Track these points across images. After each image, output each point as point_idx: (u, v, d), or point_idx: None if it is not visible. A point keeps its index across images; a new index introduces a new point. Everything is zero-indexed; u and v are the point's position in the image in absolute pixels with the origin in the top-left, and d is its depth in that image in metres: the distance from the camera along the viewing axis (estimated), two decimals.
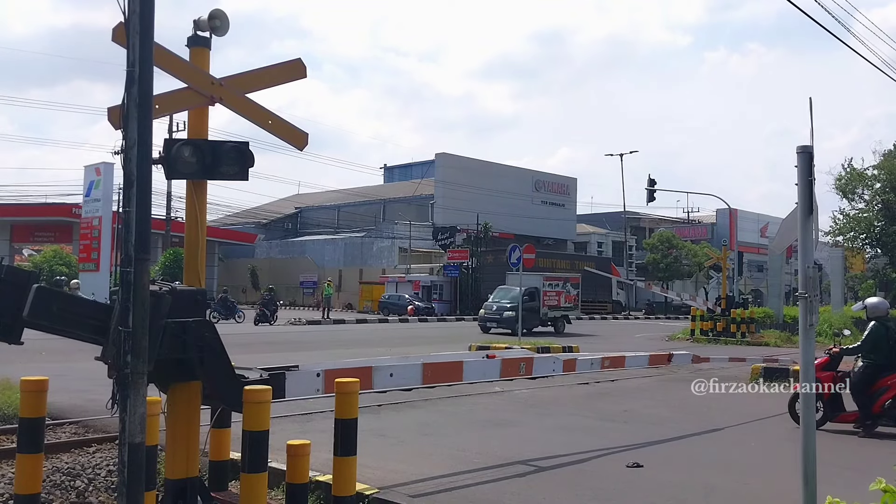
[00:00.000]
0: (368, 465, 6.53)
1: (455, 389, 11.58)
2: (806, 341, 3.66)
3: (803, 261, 3.59)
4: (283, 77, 5.64)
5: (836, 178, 34.23)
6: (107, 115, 4.80)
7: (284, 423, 8.61)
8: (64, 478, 6.70)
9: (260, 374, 5.54)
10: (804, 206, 3.56)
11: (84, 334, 4.48)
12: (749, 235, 70.91)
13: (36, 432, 4.99)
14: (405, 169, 78.06)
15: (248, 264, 61.60)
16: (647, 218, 76.60)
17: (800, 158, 3.58)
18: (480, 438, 8.82)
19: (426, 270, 53.94)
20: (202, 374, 4.87)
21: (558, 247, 67.15)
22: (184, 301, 4.76)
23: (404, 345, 21.59)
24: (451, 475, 6.91)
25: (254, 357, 13.17)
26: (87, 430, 8.82)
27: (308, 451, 5.39)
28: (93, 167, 37.69)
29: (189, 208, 5.25)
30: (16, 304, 4.33)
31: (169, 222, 39.58)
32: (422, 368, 7.05)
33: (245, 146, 5.13)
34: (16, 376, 6.38)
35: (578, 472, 7.28)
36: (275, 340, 23.01)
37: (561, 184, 69.55)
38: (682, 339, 27.43)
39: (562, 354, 12.85)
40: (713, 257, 38.65)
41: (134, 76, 3.81)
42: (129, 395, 3.83)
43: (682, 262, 62.61)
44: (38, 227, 48.24)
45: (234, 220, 67.83)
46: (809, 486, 3.72)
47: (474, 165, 61.99)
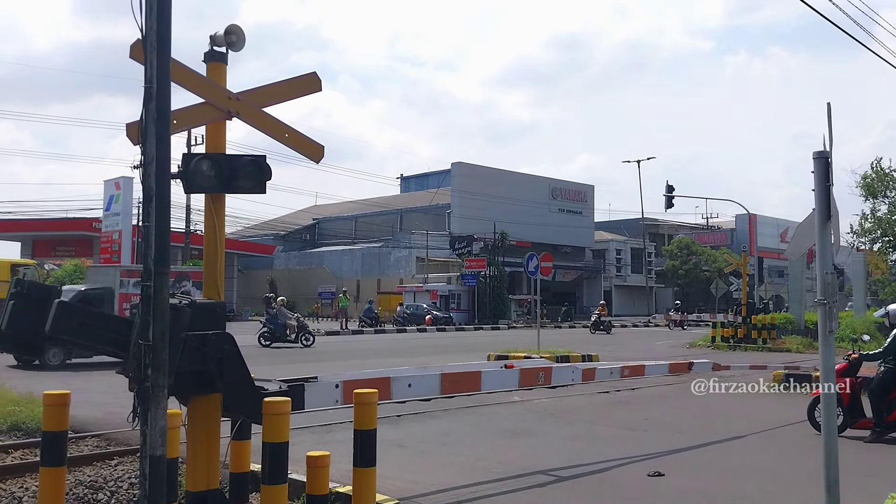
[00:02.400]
0: (388, 475, 6.53)
1: (474, 399, 11.56)
2: (826, 348, 3.63)
3: (822, 267, 3.56)
4: (299, 91, 5.68)
5: (863, 176, 33.79)
6: (125, 130, 4.87)
7: (304, 434, 8.63)
8: (86, 491, 6.75)
9: (279, 386, 5.57)
10: (822, 211, 3.54)
11: (105, 348, 4.53)
12: (769, 240, 70.47)
13: (59, 446, 5.04)
14: (422, 179, 78.22)
15: (267, 276, 61.89)
16: (666, 224, 76.25)
17: (817, 164, 3.56)
18: (500, 448, 8.80)
19: (444, 280, 53.91)
20: (222, 387, 4.90)
21: (576, 254, 67.00)
22: (203, 314, 4.80)
23: (422, 355, 21.59)
24: (470, 485, 6.90)
25: (273, 369, 13.24)
26: (109, 443, 8.88)
27: (328, 463, 5.40)
28: (112, 181, 38.11)
29: (208, 222, 5.29)
30: (38, 319, 4.40)
31: (188, 235, 39.92)
32: (440, 379, 7.06)
33: (262, 160, 5.17)
34: (38, 390, 6.45)
35: (599, 482, 7.24)
36: (293, 352, 23.06)
37: (578, 191, 69.42)
38: (702, 347, 27.23)
39: (581, 364, 12.81)
40: (733, 263, 38.40)
41: (151, 92, 3.86)
42: (150, 408, 3.86)
43: (701, 268, 62.31)
44: (60, 242, 48.73)
45: (253, 231, 68.23)
46: (832, 494, 3.68)
47: (490, 174, 62.00)
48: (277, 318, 24.31)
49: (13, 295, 4.50)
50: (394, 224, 67.56)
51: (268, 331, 24.12)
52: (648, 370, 10.61)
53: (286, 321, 24.40)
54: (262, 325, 24.95)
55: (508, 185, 61.26)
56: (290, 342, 24.05)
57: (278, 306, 24.62)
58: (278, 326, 24.14)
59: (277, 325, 24.17)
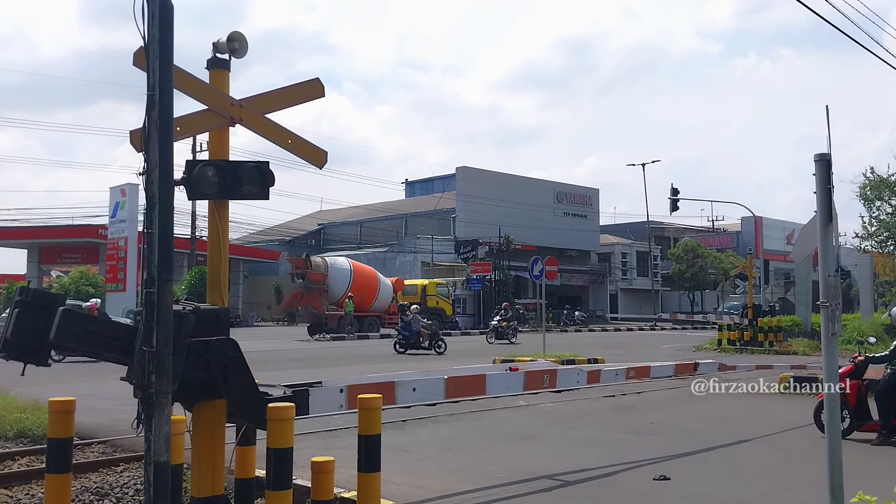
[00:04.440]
0: (393, 480, 6.53)
1: (479, 404, 11.55)
2: (829, 351, 3.62)
3: (824, 269, 3.56)
4: (302, 97, 5.69)
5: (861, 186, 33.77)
6: (129, 137, 4.89)
7: (309, 439, 8.63)
8: (92, 497, 6.78)
9: (283, 391, 5.57)
10: (823, 214, 3.54)
11: (109, 355, 4.54)
12: (775, 243, 70.23)
13: (64, 452, 5.05)
14: (426, 183, 78.24)
15: (272, 281, 61.93)
16: (672, 227, 76.12)
17: (818, 166, 3.56)
18: (505, 453, 8.79)
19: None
20: (226, 392, 4.91)
21: (582, 258, 66.92)
22: (207, 320, 4.80)
23: (428, 360, 21.59)
24: (476, 490, 6.89)
25: (277, 374, 13.25)
26: (114, 449, 8.91)
27: (332, 468, 5.40)
28: (118, 188, 38.18)
29: (212, 228, 5.31)
30: (42, 326, 4.41)
31: (194, 241, 40.01)
32: (445, 383, 7.05)
33: (265, 165, 5.18)
34: (44, 397, 6.47)
35: (605, 486, 7.23)
36: (298, 357, 23.11)
37: (583, 195, 69.35)
38: (708, 350, 27.17)
39: (586, 366, 12.79)
40: (739, 266, 38.34)
41: (154, 100, 3.88)
42: (154, 415, 3.87)
43: (707, 271, 62.17)
44: (66, 249, 48.88)
45: (258, 237, 68.30)
46: (836, 498, 3.67)
47: (495, 178, 61.99)
48: (412, 325, 25.06)
49: (18, 303, 4.51)
50: (399, 229, 67.56)
51: (402, 338, 24.98)
52: (654, 371, 10.57)
53: (419, 328, 25.10)
54: (397, 332, 25.91)
55: (513, 189, 61.22)
56: (423, 349, 24.72)
57: (412, 314, 25.48)
58: (412, 334, 24.90)
59: (412, 332, 24.92)
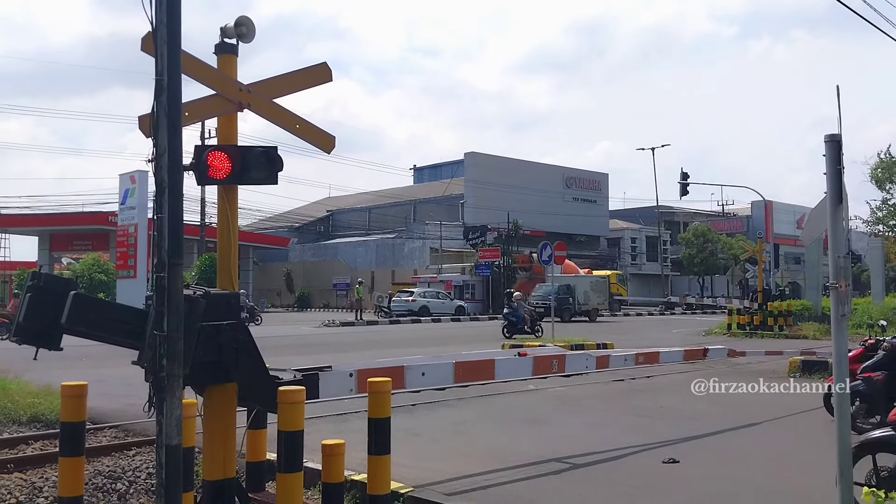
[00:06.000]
0: (403, 463, 6.56)
1: (489, 388, 11.59)
2: (838, 332, 3.61)
3: (833, 250, 3.54)
4: (310, 81, 5.68)
5: (872, 167, 33.49)
6: (138, 123, 4.91)
7: (319, 423, 8.69)
8: (105, 480, 6.85)
9: (294, 375, 5.60)
10: (833, 195, 3.52)
11: (121, 339, 4.57)
12: (785, 227, 69.95)
13: (77, 436, 5.10)
14: (435, 169, 78.16)
15: (282, 268, 62.16)
16: (682, 212, 75.85)
17: (828, 147, 3.54)
18: (515, 436, 8.82)
19: (458, 270, 53.94)
20: (237, 376, 4.95)
21: (591, 243, 66.82)
22: (218, 304, 4.83)
23: (437, 345, 21.64)
24: (485, 473, 6.93)
25: (288, 359, 13.30)
26: (126, 433, 8.99)
27: (343, 451, 5.44)
28: (128, 175, 38.23)
29: (221, 213, 5.33)
30: (55, 311, 4.44)
31: (203, 228, 40.10)
32: (453, 367, 7.07)
33: (273, 151, 5.19)
34: (57, 382, 6.52)
35: (614, 469, 7.25)
36: (308, 343, 23.21)
37: (592, 180, 69.18)
38: (718, 334, 27.14)
39: (595, 351, 12.79)
40: (749, 250, 38.17)
41: (163, 84, 3.88)
42: (166, 398, 3.90)
43: (717, 255, 62.00)
44: (76, 236, 49.10)
45: (268, 224, 68.47)
46: (845, 479, 3.68)
47: (504, 164, 61.88)
48: (518, 310, 26.13)
49: (30, 288, 4.55)
50: (407, 215, 67.61)
51: (509, 323, 26.01)
52: (663, 357, 10.54)
53: (524, 314, 26.22)
54: (503, 318, 27.13)
55: (522, 174, 61.12)
56: (526, 332, 25.66)
57: (517, 301, 26.67)
58: (519, 318, 25.92)
59: (518, 317, 25.96)
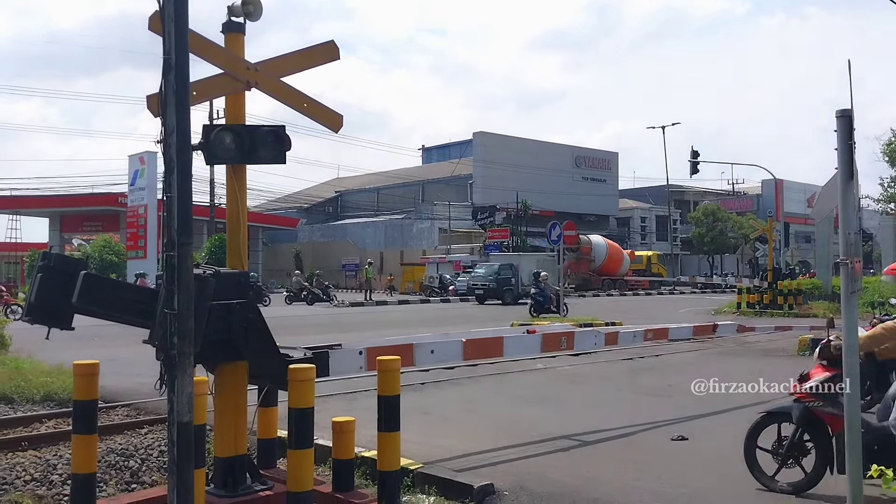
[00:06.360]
0: (413, 440, 6.61)
1: (498, 367, 11.63)
2: (848, 308, 3.60)
3: (844, 227, 3.53)
4: (317, 59, 5.66)
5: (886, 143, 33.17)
6: (146, 102, 4.90)
7: (330, 401, 8.74)
8: (118, 458, 6.92)
9: (304, 353, 5.64)
10: (844, 171, 3.49)
11: (131, 318, 4.60)
12: (796, 206, 69.51)
13: (89, 414, 5.15)
14: (443, 149, 77.94)
15: (291, 248, 62.26)
16: (692, 191, 75.50)
17: (839, 122, 3.51)
18: (524, 414, 8.86)
19: (467, 250, 53.92)
20: (248, 354, 4.98)
21: (600, 223, 66.64)
22: (228, 283, 4.86)
23: (446, 324, 21.69)
24: (495, 450, 6.96)
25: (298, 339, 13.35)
26: (139, 412, 9.07)
27: (353, 428, 5.48)
28: (137, 156, 38.35)
29: (230, 193, 5.34)
30: (65, 291, 4.48)
31: (213, 209, 40.12)
32: (462, 345, 7.10)
33: (281, 130, 5.19)
34: (69, 362, 6.58)
35: (623, 446, 7.28)
36: (318, 322, 23.29)
37: (602, 159, 68.87)
38: (728, 313, 27.09)
39: (603, 328, 12.79)
40: (759, 229, 38.01)
41: (170, 63, 3.87)
42: (177, 376, 3.93)
43: (727, 234, 61.76)
44: (87, 217, 49.28)
45: (277, 205, 68.55)
46: (853, 458, 3.68)
47: (513, 143, 61.64)
48: (545, 290, 26.79)
49: (41, 268, 4.58)
50: (416, 195, 67.51)
51: (536, 302, 26.64)
52: (672, 333, 10.50)
53: (551, 294, 26.81)
54: (530, 298, 27.91)
55: (531, 153, 60.89)
56: (553, 311, 25.98)
57: (544, 282, 27.36)
58: (546, 298, 26.50)
59: (545, 296, 26.55)
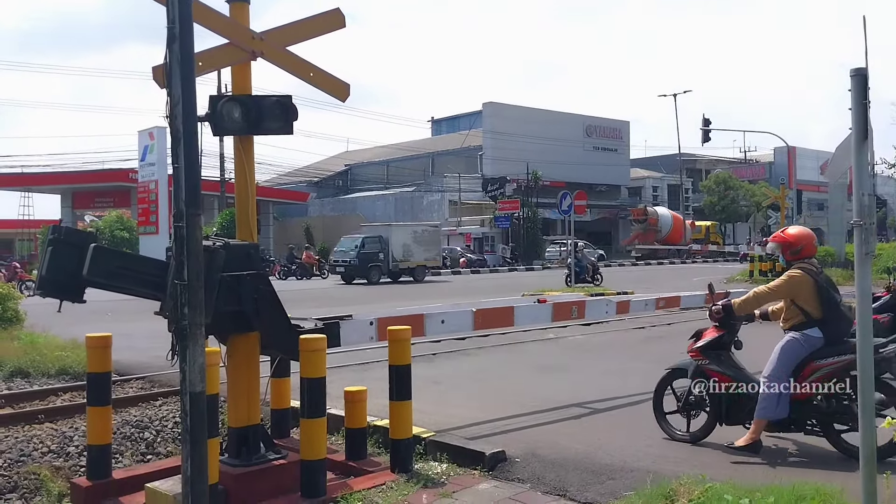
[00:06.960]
0: (425, 410, 6.64)
1: (509, 337, 11.64)
2: (861, 270, 3.55)
3: (858, 187, 3.47)
4: (323, 28, 5.61)
5: None
6: (152, 74, 4.88)
7: (342, 372, 8.78)
8: (133, 430, 6.99)
9: (315, 324, 5.66)
10: (858, 130, 3.43)
11: (142, 290, 4.62)
12: (808, 173, 68.89)
13: (103, 386, 5.20)
14: (453, 121, 77.46)
15: (302, 223, 62.28)
16: (704, 159, 74.86)
17: (853, 81, 3.44)
18: (535, 383, 8.88)
19: (477, 222, 53.83)
20: (259, 325, 5.00)
21: (612, 193, 66.32)
22: (238, 255, 4.87)
23: (456, 296, 21.72)
24: (506, 418, 6.99)
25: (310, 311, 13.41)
26: (152, 384, 9.15)
27: (365, 397, 5.51)
28: (146, 132, 38.24)
29: (238, 164, 5.33)
30: (76, 263, 4.49)
31: (223, 184, 40.10)
32: (472, 315, 7.10)
33: (288, 100, 5.17)
34: (83, 336, 6.63)
35: (634, 414, 7.30)
36: (330, 296, 23.38)
37: (613, 128, 68.29)
38: (740, 282, 26.98)
39: (614, 297, 12.76)
40: (771, 197, 37.76)
41: (174, 33, 3.83)
42: (189, 346, 3.95)
43: (739, 203, 61.35)
44: (98, 193, 49.36)
45: (287, 179, 68.47)
46: (867, 418, 3.67)
47: (522, 113, 61.16)
48: (581, 261, 27.54)
49: (51, 241, 4.60)
50: (426, 168, 67.25)
51: (573, 273, 26.98)
52: (684, 301, 10.41)
53: (587, 263, 27.83)
54: (567, 267, 28.00)
55: (541, 124, 60.43)
56: (588, 281, 26.76)
57: (581, 252, 28.59)
58: (582, 268, 27.22)
59: (582, 266, 27.26)
